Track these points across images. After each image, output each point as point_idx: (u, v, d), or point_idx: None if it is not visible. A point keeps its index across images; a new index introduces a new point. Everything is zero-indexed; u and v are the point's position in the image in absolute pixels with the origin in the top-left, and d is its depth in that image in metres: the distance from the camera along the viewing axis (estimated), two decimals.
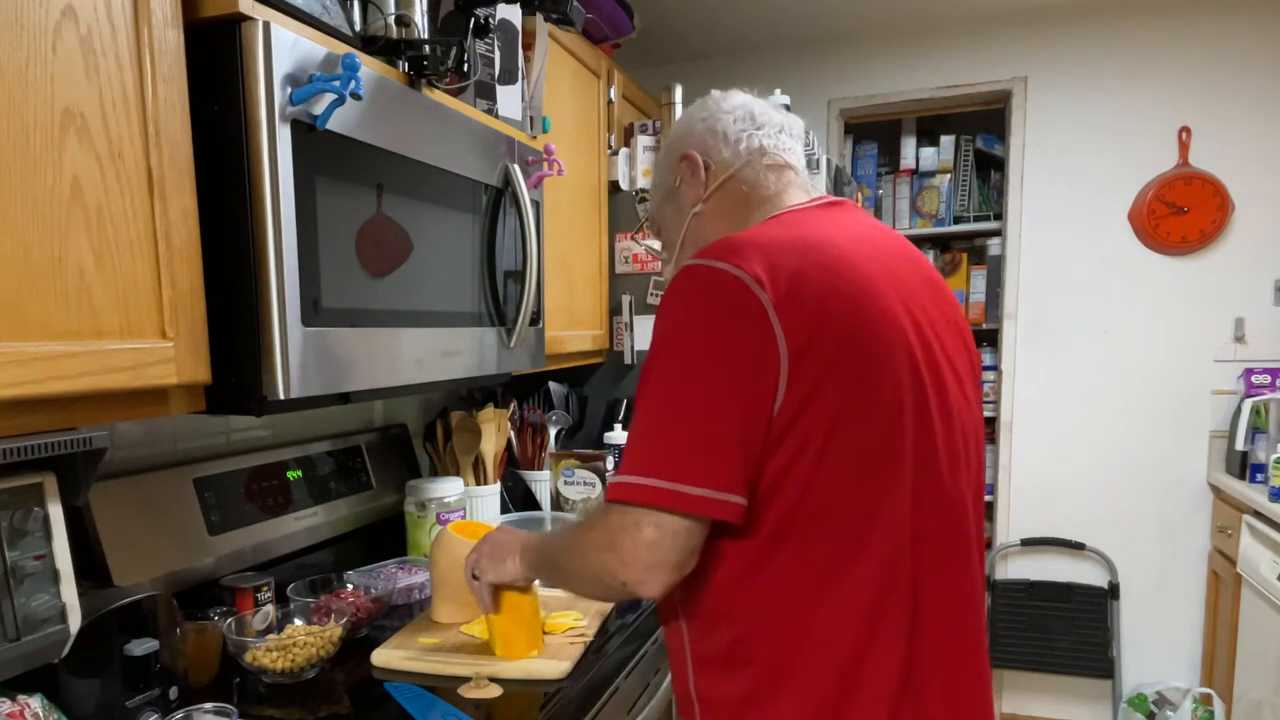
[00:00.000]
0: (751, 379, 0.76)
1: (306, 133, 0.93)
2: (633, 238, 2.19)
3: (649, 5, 2.59)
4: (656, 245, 1.13)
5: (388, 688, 1.11)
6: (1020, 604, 2.91)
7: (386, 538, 1.67)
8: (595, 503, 1.91)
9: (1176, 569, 2.81)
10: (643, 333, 2.26)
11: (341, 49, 1.00)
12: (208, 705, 0.98)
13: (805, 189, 0.99)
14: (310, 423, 1.64)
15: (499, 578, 1.08)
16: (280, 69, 0.89)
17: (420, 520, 1.61)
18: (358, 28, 1.09)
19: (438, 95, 1.21)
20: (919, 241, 3.27)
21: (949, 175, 3.16)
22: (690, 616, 0.89)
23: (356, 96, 0.94)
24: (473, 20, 1.22)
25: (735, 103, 1.01)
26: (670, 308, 0.81)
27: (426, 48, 1.12)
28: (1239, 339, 2.70)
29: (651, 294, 2.23)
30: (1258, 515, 2.28)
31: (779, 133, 0.99)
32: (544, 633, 1.22)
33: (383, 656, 1.18)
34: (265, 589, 1.25)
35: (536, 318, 1.52)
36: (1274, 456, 2.23)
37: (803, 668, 0.82)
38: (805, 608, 0.82)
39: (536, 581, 1.22)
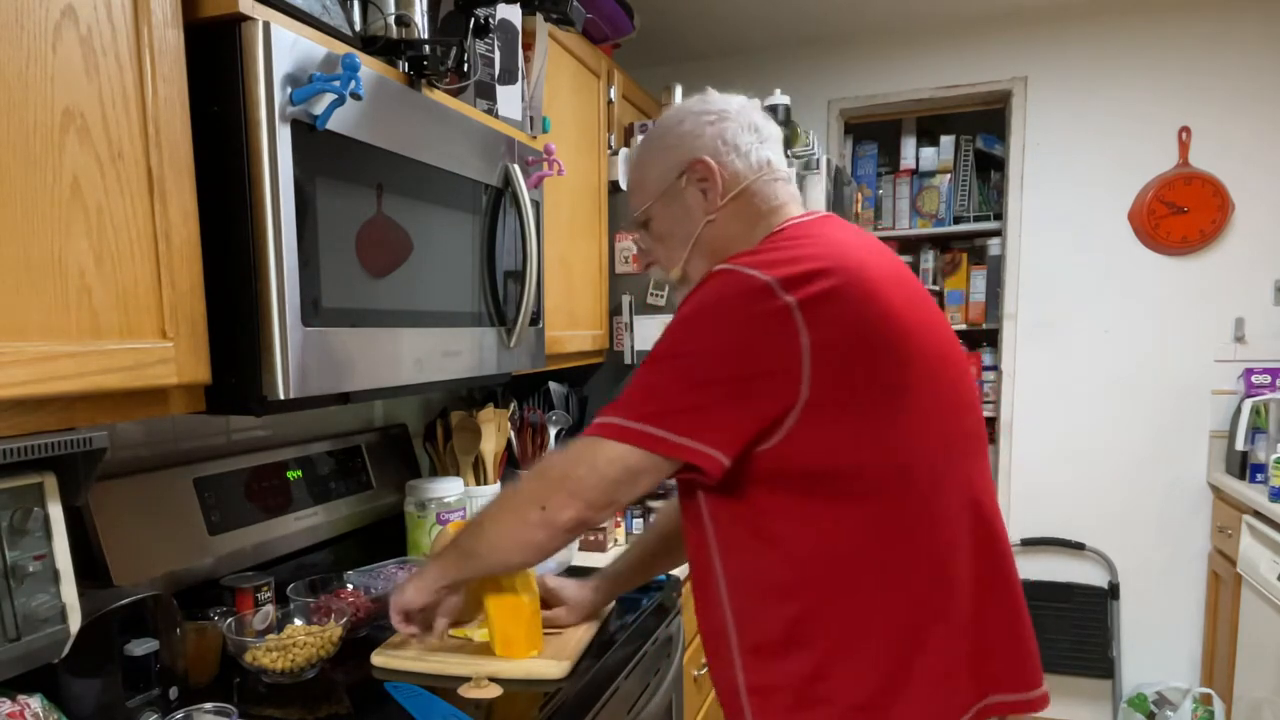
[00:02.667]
0: (765, 369, 0.85)
1: (306, 133, 0.93)
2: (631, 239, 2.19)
3: (649, 5, 2.59)
4: (640, 243, 1.13)
5: (388, 688, 1.11)
6: None
7: (386, 538, 1.67)
8: None
9: (1176, 569, 2.81)
10: (643, 333, 2.26)
11: (341, 49, 1.00)
12: (208, 705, 0.98)
13: (799, 199, 1.06)
14: (310, 423, 1.64)
15: (415, 601, 1.11)
16: (280, 69, 0.89)
17: (420, 520, 1.61)
18: (358, 28, 1.09)
19: (438, 95, 1.21)
20: (919, 241, 3.27)
21: (949, 175, 3.16)
22: (738, 604, 0.93)
23: (356, 96, 0.94)
24: (473, 20, 1.22)
25: (736, 107, 1.03)
26: (696, 299, 0.89)
27: (426, 48, 1.12)
28: (1239, 339, 2.69)
29: (652, 294, 2.23)
30: (1258, 515, 2.28)
31: (775, 144, 1.05)
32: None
33: (383, 656, 1.18)
34: (265, 589, 1.25)
35: (536, 318, 1.52)
36: (1274, 456, 2.23)
37: (866, 641, 0.89)
38: (865, 578, 0.89)
39: (536, 581, 1.22)
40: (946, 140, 3.14)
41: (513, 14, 1.40)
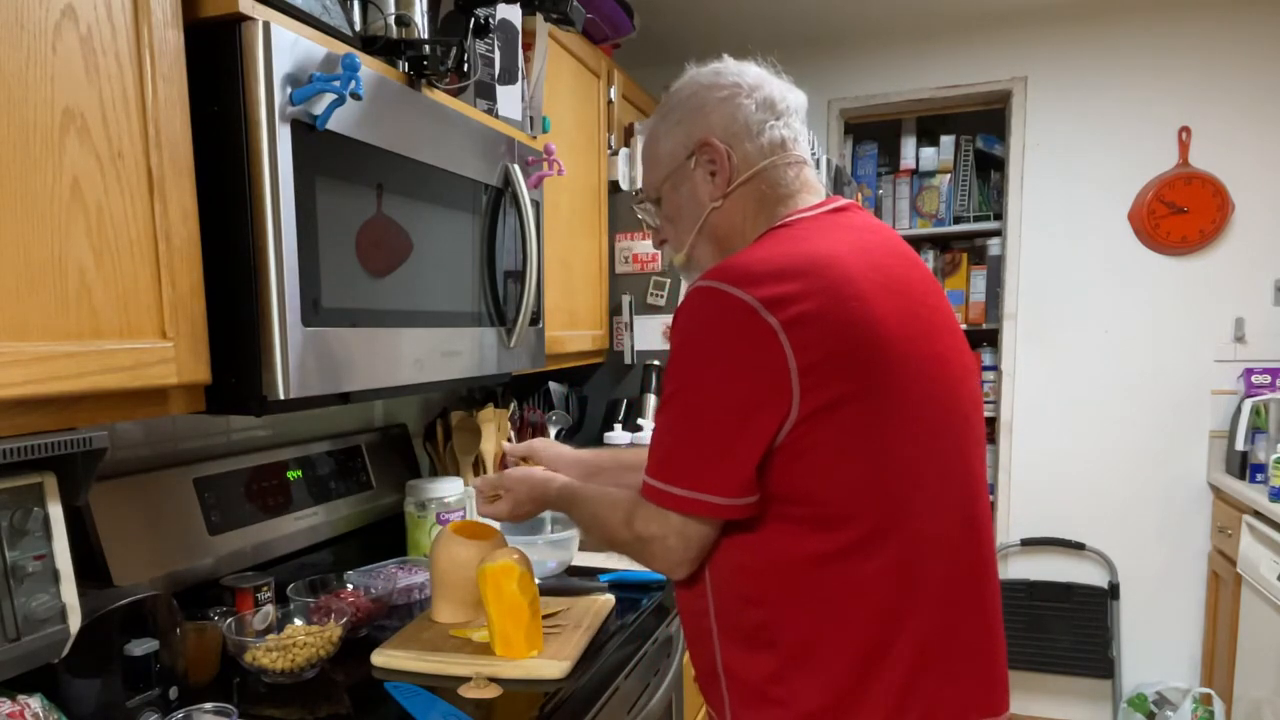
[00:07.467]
0: (761, 395, 0.83)
1: (306, 133, 0.93)
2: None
3: (649, 5, 2.59)
4: (652, 220, 1.09)
5: (388, 688, 1.11)
6: (1020, 604, 2.91)
7: (386, 538, 1.67)
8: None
9: (1176, 569, 2.81)
10: (643, 333, 2.26)
11: (341, 49, 1.00)
12: (208, 705, 0.98)
13: (815, 187, 1.01)
14: (310, 423, 1.64)
15: (503, 516, 1.20)
16: (280, 69, 0.89)
17: (420, 520, 1.61)
18: (358, 28, 1.09)
19: (438, 95, 1.21)
20: (919, 241, 3.27)
21: (949, 175, 3.16)
22: (718, 595, 0.94)
23: (356, 96, 0.94)
24: (473, 20, 1.22)
25: (751, 80, 0.98)
26: (686, 326, 0.88)
27: (426, 48, 1.12)
28: (1239, 339, 2.70)
29: (652, 294, 2.23)
30: (1258, 515, 2.28)
31: (794, 119, 0.99)
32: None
33: (383, 656, 1.18)
34: (265, 589, 1.25)
35: (536, 318, 1.52)
36: (1274, 456, 2.23)
37: (823, 655, 0.88)
38: (828, 599, 0.88)
39: (536, 580, 1.22)
40: (946, 140, 3.14)
41: (513, 14, 1.40)
